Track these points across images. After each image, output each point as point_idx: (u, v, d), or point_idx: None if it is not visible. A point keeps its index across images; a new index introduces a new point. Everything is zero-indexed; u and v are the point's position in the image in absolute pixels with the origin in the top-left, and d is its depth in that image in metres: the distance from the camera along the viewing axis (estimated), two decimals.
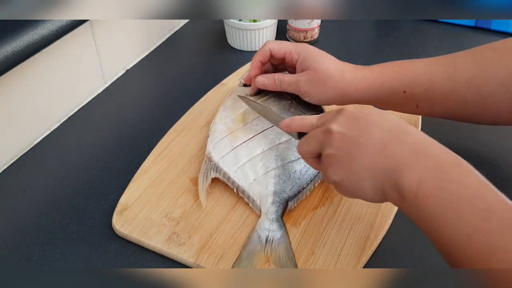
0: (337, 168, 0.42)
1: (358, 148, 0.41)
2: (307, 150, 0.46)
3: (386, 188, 0.39)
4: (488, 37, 0.86)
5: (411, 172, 0.37)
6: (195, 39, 0.88)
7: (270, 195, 0.53)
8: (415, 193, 0.37)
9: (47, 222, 0.54)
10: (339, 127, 0.42)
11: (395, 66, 0.55)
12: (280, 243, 0.49)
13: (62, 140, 0.65)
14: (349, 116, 0.43)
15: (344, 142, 0.42)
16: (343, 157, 0.42)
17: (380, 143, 0.40)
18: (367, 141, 0.40)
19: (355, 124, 0.42)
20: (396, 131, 0.40)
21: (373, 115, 0.42)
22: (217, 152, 0.57)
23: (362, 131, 0.41)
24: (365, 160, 0.40)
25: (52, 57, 0.63)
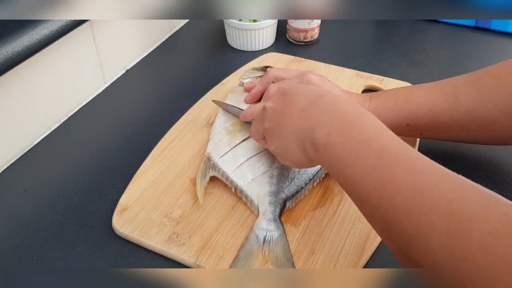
0: (272, 138, 0.49)
1: (284, 117, 0.46)
2: (255, 131, 0.52)
3: (306, 146, 0.44)
4: (488, 37, 0.86)
5: (322, 126, 0.42)
6: (195, 39, 0.88)
7: (267, 195, 0.53)
8: (324, 144, 0.41)
9: (47, 222, 0.54)
10: (271, 103, 0.49)
11: (397, 98, 0.55)
12: (277, 243, 0.49)
13: (62, 140, 0.65)
14: (279, 93, 0.49)
15: (275, 115, 0.47)
16: (274, 128, 0.48)
17: (300, 109, 0.45)
18: (291, 109, 0.46)
19: (283, 97, 0.48)
20: (314, 97, 0.45)
21: (298, 88, 0.48)
22: (217, 152, 0.57)
23: (288, 101, 0.47)
24: (290, 125, 0.45)
25: (52, 57, 0.63)
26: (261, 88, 0.63)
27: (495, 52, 0.83)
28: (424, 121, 0.54)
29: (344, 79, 0.74)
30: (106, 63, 0.74)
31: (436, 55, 0.81)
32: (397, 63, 0.79)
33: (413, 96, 0.55)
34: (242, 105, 0.64)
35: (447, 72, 0.77)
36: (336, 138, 0.41)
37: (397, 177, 0.36)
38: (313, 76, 0.58)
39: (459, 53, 0.82)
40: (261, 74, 0.69)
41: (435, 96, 0.53)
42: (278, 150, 0.48)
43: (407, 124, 0.55)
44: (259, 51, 0.83)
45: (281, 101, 0.47)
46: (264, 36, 0.82)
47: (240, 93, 0.66)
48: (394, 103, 0.55)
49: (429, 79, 0.75)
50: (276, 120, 0.47)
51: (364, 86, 0.72)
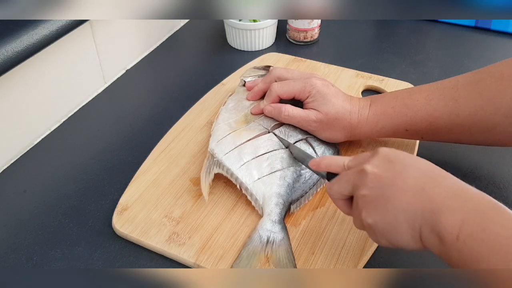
0: (372, 210, 0.41)
1: (394, 190, 0.39)
2: (338, 191, 0.44)
3: (424, 232, 0.38)
4: (488, 37, 0.86)
5: (452, 214, 0.36)
6: (195, 39, 0.88)
7: (274, 196, 0.52)
8: (456, 235, 0.35)
9: (47, 222, 0.54)
10: (374, 168, 0.41)
11: (395, 104, 0.54)
12: (281, 245, 0.49)
13: (62, 140, 0.65)
14: (383, 158, 0.42)
15: (379, 183, 0.40)
16: (378, 199, 0.40)
17: (416, 185, 0.39)
18: (403, 183, 0.39)
19: (390, 166, 0.41)
20: (432, 174, 0.40)
21: (408, 158, 0.42)
22: (221, 149, 0.57)
23: (397, 173, 0.40)
24: (402, 202, 0.39)
25: (52, 57, 0.63)
26: (263, 86, 0.62)
27: (495, 52, 0.83)
28: (423, 126, 0.53)
29: (344, 79, 0.74)
30: (106, 63, 0.74)
31: (436, 55, 0.81)
32: (397, 63, 0.79)
33: (412, 101, 0.54)
34: (244, 103, 0.64)
35: (447, 72, 0.77)
36: (473, 231, 0.35)
37: None
38: (317, 81, 0.57)
39: (459, 53, 0.82)
40: (262, 73, 0.69)
41: (435, 100, 0.52)
42: (378, 225, 0.41)
43: (406, 129, 0.55)
44: (259, 51, 0.83)
45: (388, 169, 0.41)
46: (264, 36, 0.82)
47: (242, 92, 0.66)
48: (392, 109, 0.54)
49: (429, 79, 0.75)
50: (381, 190, 0.40)
51: (364, 86, 0.72)
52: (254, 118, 0.61)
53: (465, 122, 0.51)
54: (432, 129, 0.53)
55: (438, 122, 0.52)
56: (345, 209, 0.46)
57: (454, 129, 0.52)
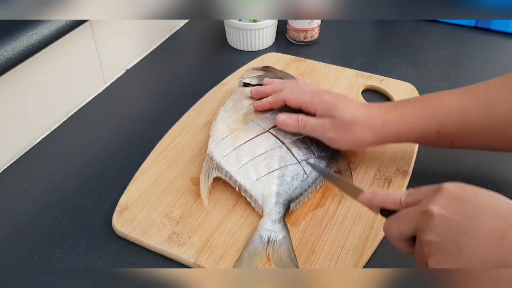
0: (441, 258, 0.36)
1: (467, 236, 0.35)
2: (397, 231, 0.40)
3: None
4: (488, 37, 0.86)
5: None
6: (195, 39, 0.88)
7: (273, 195, 0.52)
8: None
9: (47, 222, 0.54)
10: (441, 209, 0.36)
11: (426, 104, 0.52)
12: (282, 244, 0.49)
13: (62, 140, 0.65)
14: (451, 197, 0.37)
15: (449, 228, 0.36)
16: (448, 246, 0.35)
17: (495, 232, 0.34)
18: (477, 228, 0.34)
19: (460, 207, 0.36)
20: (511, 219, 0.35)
21: (480, 197, 0.37)
22: (219, 152, 0.57)
23: (470, 216, 0.35)
24: (478, 251, 0.34)
25: (52, 57, 0.63)
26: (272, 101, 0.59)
27: (495, 52, 0.83)
28: (456, 129, 0.51)
29: (344, 79, 0.74)
30: (106, 63, 0.74)
31: (436, 55, 0.81)
32: (397, 63, 0.79)
33: (444, 102, 0.51)
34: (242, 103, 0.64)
35: (447, 72, 0.77)
36: None
37: None
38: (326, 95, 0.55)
39: (459, 53, 0.82)
40: (261, 74, 0.69)
41: (467, 101, 0.50)
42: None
43: (438, 132, 0.52)
44: (259, 51, 0.83)
45: (459, 211, 0.36)
46: (264, 36, 0.82)
47: (241, 93, 0.66)
48: (422, 110, 0.52)
49: (429, 79, 0.75)
50: (451, 236, 0.35)
51: (364, 86, 0.72)
52: (253, 118, 0.60)
53: (499, 124, 0.49)
54: (464, 132, 0.51)
55: (471, 124, 0.50)
56: (407, 250, 0.41)
57: (487, 132, 0.50)
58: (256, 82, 0.67)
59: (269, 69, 0.70)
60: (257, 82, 0.67)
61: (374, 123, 0.53)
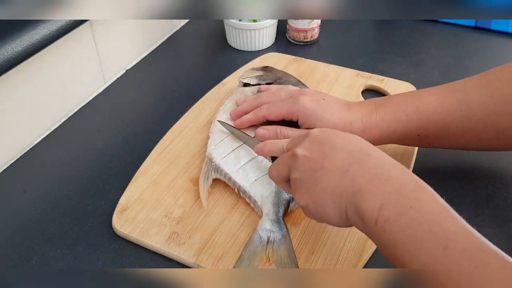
0: (303, 192, 0.42)
1: (321, 172, 0.40)
2: (276, 174, 0.46)
3: (349, 212, 0.39)
4: (488, 37, 0.86)
5: (372, 197, 0.37)
6: (195, 39, 0.88)
7: (271, 195, 0.52)
8: (375, 219, 0.36)
9: (47, 222, 0.54)
10: (304, 151, 0.42)
11: (407, 107, 0.52)
12: (281, 244, 0.49)
13: (62, 140, 0.65)
14: (313, 140, 0.43)
15: (309, 166, 0.41)
16: (308, 181, 0.41)
17: (342, 166, 0.40)
18: (330, 165, 0.40)
19: (319, 147, 0.42)
20: (358, 154, 0.40)
21: (337, 138, 0.42)
22: (218, 153, 0.57)
23: (326, 154, 0.41)
24: (329, 184, 0.40)
25: (52, 57, 0.63)
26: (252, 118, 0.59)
27: (495, 52, 0.83)
28: (435, 131, 0.52)
29: (344, 79, 0.74)
30: (106, 63, 0.74)
31: (436, 55, 0.81)
32: (397, 63, 0.79)
33: (424, 105, 0.52)
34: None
35: (447, 72, 0.77)
36: (390, 216, 0.36)
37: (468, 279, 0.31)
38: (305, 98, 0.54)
39: (459, 53, 0.82)
40: (260, 74, 0.69)
41: (447, 104, 0.51)
42: (309, 206, 0.42)
43: (418, 134, 0.53)
44: (259, 51, 0.83)
45: (317, 150, 0.42)
46: (264, 36, 0.82)
47: (240, 93, 0.66)
48: (403, 113, 0.52)
49: (429, 79, 0.75)
50: (310, 173, 0.41)
51: (364, 86, 0.72)
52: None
53: (477, 126, 0.50)
54: (443, 134, 0.52)
55: (450, 126, 0.51)
56: (288, 190, 0.47)
57: (465, 134, 0.51)
58: (256, 82, 0.67)
59: (268, 69, 0.71)
60: (257, 82, 0.67)
61: (356, 130, 0.53)
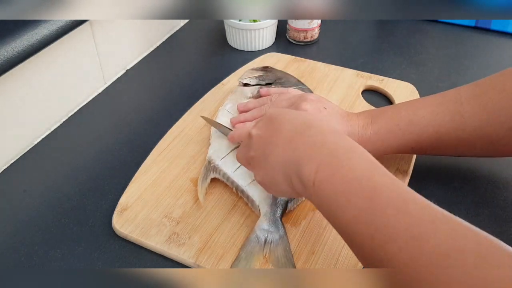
0: (258, 168, 0.45)
1: (270, 147, 0.43)
2: (240, 156, 0.49)
3: (293, 180, 0.41)
4: (488, 37, 0.86)
5: (309, 161, 0.39)
6: (195, 39, 0.88)
7: (269, 196, 0.52)
8: (312, 181, 0.39)
9: (47, 222, 0.54)
10: (257, 130, 0.45)
11: (400, 121, 0.53)
12: (278, 244, 0.49)
13: (62, 140, 0.65)
14: (266, 120, 0.45)
15: (260, 142, 0.44)
16: (259, 157, 0.45)
17: (286, 138, 0.42)
18: (277, 139, 0.43)
19: (270, 125, 0.44)
20: (301, 126, 0.42)
21: (286, 114, 0.45)
22: (217, 155, 0.57)
23: (275, 130, 0.43)
24: (277, 156, 0.42)
25: (52, 57, 0.63)
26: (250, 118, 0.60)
27: (495, 52, 0.83)
28: (429, 143, 0.52)
29: (344, 79, 0.74)
30: (106, 63, 0.74)
31: (436, 55, 0.81)
32: (397, 63, 0.79)
33: (417, 118, 0.52)
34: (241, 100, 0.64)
35: (447, 72, 0.77)
36: (324, 176, 0.38)
37: (390, 222, 0.34)
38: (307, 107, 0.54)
39: (459, 53, 0.82)
40: (260, 74, 0.69)
41: (440, 115, 0.51)
42: (264, 180, 0.45)
43: (412, 147, 0.53)
44: (259, 51, 0.83)
45: (268, 128, 0.44)
46: (264, 36, 0.82)
47: (240, 93, 0.66)
48: (397, 127, 0.52)
49: (429, 79, 0.75)
50: (262, 149, 0.44)
51: (364, 86, 0.72)
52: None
53: (471, 137, 0.50)
54: (437, 145, 0.52)
55: (445, 138, 0.51)
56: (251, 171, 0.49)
57: (460, 144, 0.52)
58: (256, 82, 0.67)
59: (268, 69, 0.71)
60: (257, 82, 0.67)
61: None
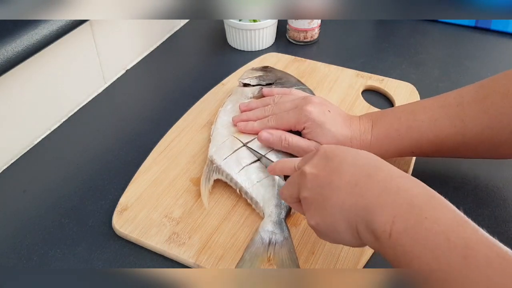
0: (313, 211, 0.41)
1: (330, 188, 0.39)
2: (287, 194, 0.45)
3: (360, 229, 0.38)
4: (488, 37, 0.86)
5: (383, 210, 0.36)
6: (195, 39, 0.88)
7: (274, 197, 0.52)
8: (389, 232, 0.35)
9: (47, 222, 0.54)
10: (312, 168, 0.41)
11: (399, 126, 0.52)
12: (283, 245, 0.49)
13: (62, 140, 0.65)
14: (321, 156, 0.42)
15: (317, 183, 0.40)
16: (316, 199, 0.40)
17: (350, 181, 0.38)
18: (338, 180, 0.39)
19: (327, 163, 0.41)
20: (366, 168, 0.39)
21: (345, 153, 0.41)
22: (219, 155, 0.57)
23: (334, 170, 0.40)
24: (338, 200, 0.38)
25: (52, 57, 0.63)
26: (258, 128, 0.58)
27: (495, 52, 0.83)
28: (429, 147, 0.52)
29: (344, 79, 0.74)
30: (106, 63, 0.74)
31: (436, 55, 0.81)
32: (397, 63, 0.79)
33: (416, 123, 0.51)
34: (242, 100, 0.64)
35: (447, 72, 0.77)
36: (404, 228, 0.34)
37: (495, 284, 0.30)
38: (312, 109, 0.54)
39: (459, 53, 0.82)
40: (260, 74, 0.69)
41: (440, 120, 0.51)
42: (320, 226, 0.41)
43: (412, 151, 0.53)
44: (259, 51, 0.83)
45: (325, 167, 0.40)
46: (264, 36, 0.82)
47: (241, 93, 0.66)
48: (396, 132, 0.52)
49: (429, 79, 0.75)
50: (319, 190, 0.40)
51: (364, 86, 0.72)
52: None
53: (472, 141, 0.50)
54: (438, 149, 0.52)
55: (445, 142, 0.51)
56: (300, 211, 0.45)
57: (460, 148, 0.51)
58: (256, 83, 0.67)
59: (268, 69, 0.71)
60: (257, 83, 0.67)
61: (355, 147, 0.53)
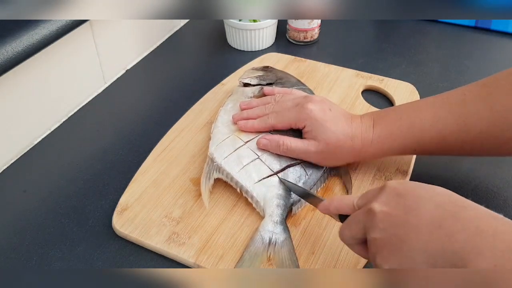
0: (387, 254, 0.36)
1: (407, 229, 0.35)
2: (350, 235, 0.41)
3: None
4: (488, 37, 0.86)
5: (481, 257, 0.31)
6: (195, 39, 0.88)
7: (275, 197, 0.52)
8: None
9: (47, 222, 0.54)
10: (382, 206, 0.37)
11: (401, 124, 0.52)
12: (283, 245, 0.49)
13: (62, 140, 0.65)
14: (391, 193, 0.38)
15: (390, 223, 0.36)
16: (391, 241, 0.36)
17: (432, 221, 0.34)
18: (416, 220, 0.35)
19: (400, 201, 0.37)
20: (450, 206, 0.35)
21: (419, 190, 0.37)
22: (220, 153, 0.57)
23: (409, 208, 0.36)
24: (418, 242, 0.34)
25: (52, 57, 0.63)
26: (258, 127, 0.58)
27: (495, 52, 0.83)
28: (432, 145, 0.51)
29: (344, 79, 0.74)
30: (106, 63, 0.74)
31: (436, 55, 0.81)
32: (397, 63, 0.79)
33: (419, 121, 0.51)
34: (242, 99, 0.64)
35: (447, 72, 0.77)
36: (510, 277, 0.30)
37: None
38: (313, 107, 0.53)
39: (459, 53, 0.82)
40: (261, 74, 0.69)
41: (443, 118, 0.50)
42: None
43: (415, 149, 0.52)
44: (259, 51, 0.83)
45: (397, 205, 0.37)
46: (264, 36, 0.82)
47: (241, 93, 0.66)
48: (398, 130, 0.52)
49: (429, 79, 0.75)
50: (393, 231, 0.36)
51: (364, 86, 0.72)
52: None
53: (475, 139, 0.49)
54: (441, 147, 0.51)
55: (448, 140, 0.50)
56: (363, 254, 0.41)
57: (464, 146, 0.50)
58: (256, 82, 0.67)
59: (269, 69, 0.71)
60: (257, 82, 0.67)
61: (356, 145, 0.53)
